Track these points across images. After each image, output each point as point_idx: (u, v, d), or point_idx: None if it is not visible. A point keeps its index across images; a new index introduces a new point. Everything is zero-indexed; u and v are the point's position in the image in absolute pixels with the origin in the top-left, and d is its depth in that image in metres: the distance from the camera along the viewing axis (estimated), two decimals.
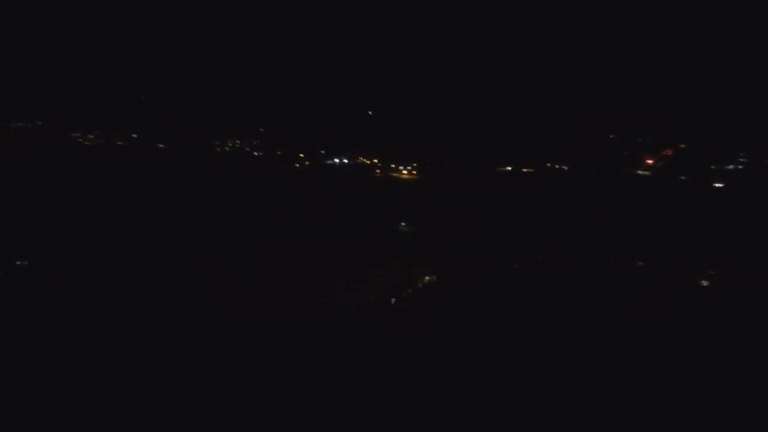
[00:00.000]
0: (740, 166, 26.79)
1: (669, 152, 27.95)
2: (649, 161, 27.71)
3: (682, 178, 26.78)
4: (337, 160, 28.02)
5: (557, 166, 28.08)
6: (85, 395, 11.42)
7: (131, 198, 24.62)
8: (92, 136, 28.80)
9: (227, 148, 29.73)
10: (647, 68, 27.76)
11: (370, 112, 30.78)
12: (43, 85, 28.97)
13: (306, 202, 27.03)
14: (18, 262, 18.95)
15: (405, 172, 27.55)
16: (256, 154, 28.98)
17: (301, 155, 28.45)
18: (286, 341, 14.45)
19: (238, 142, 30.53)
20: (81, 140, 28.40)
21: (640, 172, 27.20)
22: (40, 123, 29.24)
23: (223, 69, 30.67)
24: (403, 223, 26.39)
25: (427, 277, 22.50)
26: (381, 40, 29.20)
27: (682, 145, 28.00)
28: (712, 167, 26.82)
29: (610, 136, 29.04)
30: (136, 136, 30.68)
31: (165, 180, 26.95)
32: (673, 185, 27.05)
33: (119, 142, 28.79)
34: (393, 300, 20.31)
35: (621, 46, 27.16)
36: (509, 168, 27.95)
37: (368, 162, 27.84)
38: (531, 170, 27.73)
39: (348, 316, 17.46)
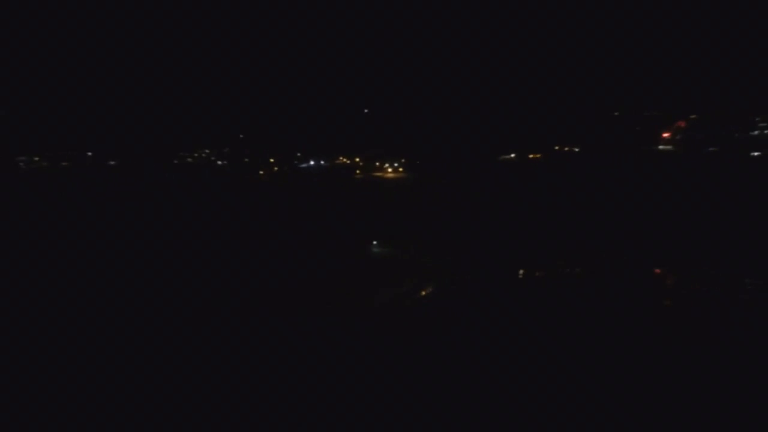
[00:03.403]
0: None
1: (682, 124, 25.77)
2: (665, 135, 25.46)
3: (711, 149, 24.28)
4: (312, 162, 24.84)
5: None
6: (84, 397, 11.75)
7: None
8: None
9: (190, 160, 26.82)
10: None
11: (366, 110, 29.02)
12: None
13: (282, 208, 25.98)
14: None
15: (390, 170, 24.48)
16: (220, 163, 26.08)
17: (271, 160, 25.48)
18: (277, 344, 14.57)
19: (206, 151, 28.01)
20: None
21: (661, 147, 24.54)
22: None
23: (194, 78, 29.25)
24: (375, 242, 24.55)
25: (426, 288, 21.23)
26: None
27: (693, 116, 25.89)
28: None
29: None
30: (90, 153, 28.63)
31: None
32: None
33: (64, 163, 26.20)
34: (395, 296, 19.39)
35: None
36: (513, 156, 25.39)
37: (348, 162, 24.78)
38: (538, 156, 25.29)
39: (347, 318, 17.20)
